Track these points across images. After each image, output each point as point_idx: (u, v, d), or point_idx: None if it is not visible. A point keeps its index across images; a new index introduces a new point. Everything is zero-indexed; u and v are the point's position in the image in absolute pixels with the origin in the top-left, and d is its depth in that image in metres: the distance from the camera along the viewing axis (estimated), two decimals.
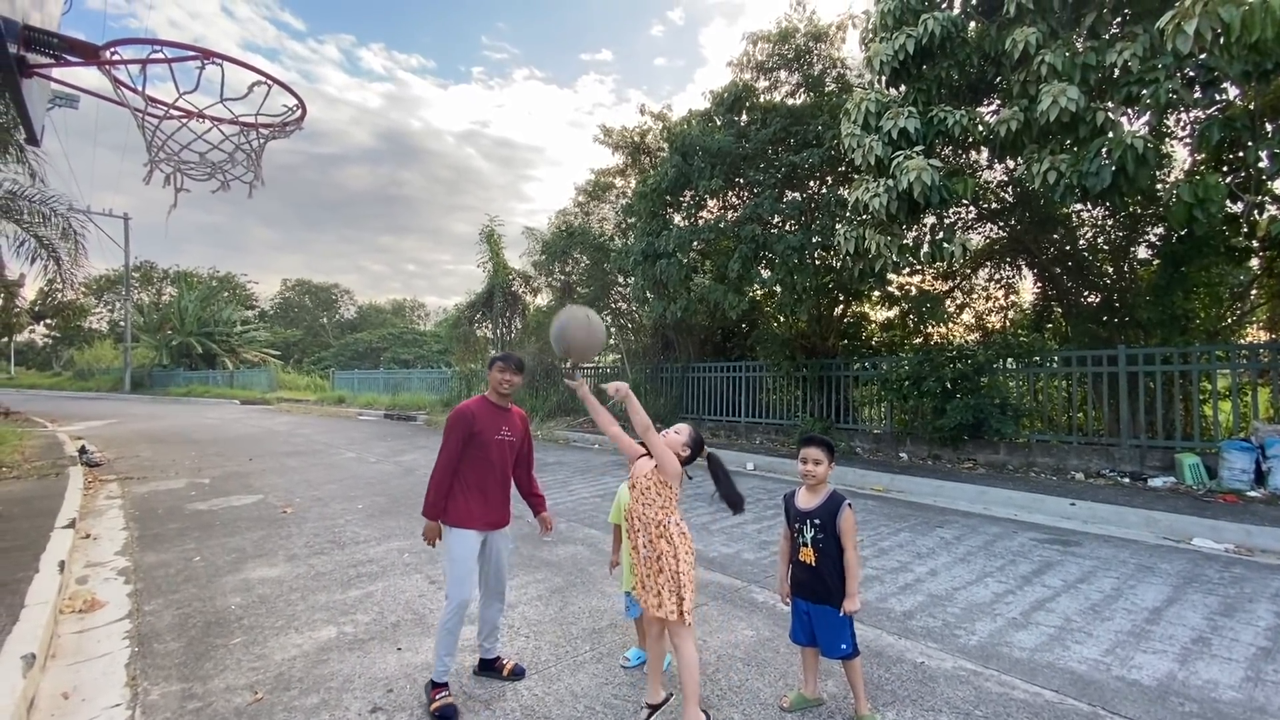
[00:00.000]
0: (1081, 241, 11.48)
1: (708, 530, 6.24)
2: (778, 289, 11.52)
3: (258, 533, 6.12)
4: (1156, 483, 7.79)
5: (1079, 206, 10.19)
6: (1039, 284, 12.39)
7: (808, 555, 2.90)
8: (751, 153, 11.53)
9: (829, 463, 2.92)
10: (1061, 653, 3.58)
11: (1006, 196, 11.44)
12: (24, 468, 9.15)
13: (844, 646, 2.83)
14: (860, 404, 12.04)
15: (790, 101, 12.13)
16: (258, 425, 18.30)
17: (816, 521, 2.89)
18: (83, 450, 10.93)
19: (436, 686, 2.99)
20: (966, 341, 12.90)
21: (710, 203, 13.02)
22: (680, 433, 2.98)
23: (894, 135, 7.53)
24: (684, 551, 2.81)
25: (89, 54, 2.67)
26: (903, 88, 8.36)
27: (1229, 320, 10.39)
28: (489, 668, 3.30)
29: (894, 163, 7.35)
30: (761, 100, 12.26)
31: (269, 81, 3.23)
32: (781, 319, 13.51)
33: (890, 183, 7.32)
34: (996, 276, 13.49)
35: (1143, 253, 10.88)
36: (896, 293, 12.93)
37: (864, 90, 8.30)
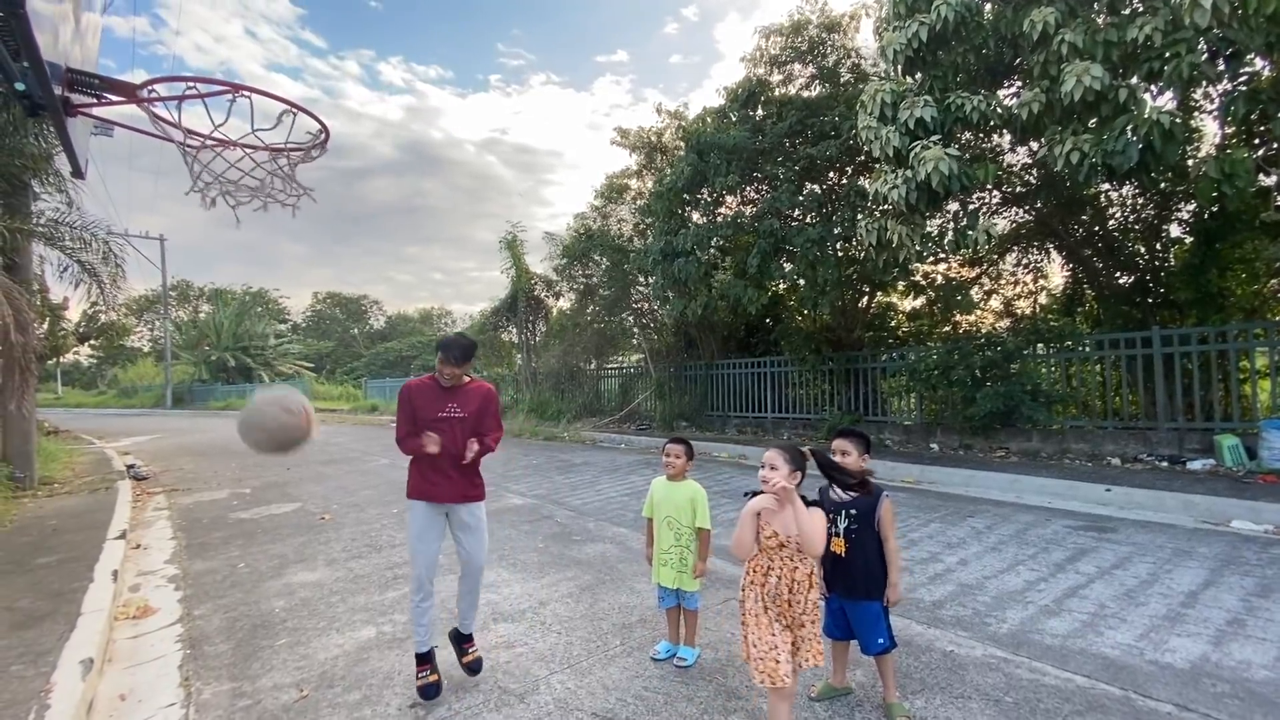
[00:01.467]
0: (1111, 222, 11.24)
1: (735, 526, 6.27)
2: (800, 283, 11.48)
3: (298, 539, 6.31)
4: (1195, 465, 7.62)
5: (1106, 186, 9.99)
6: (1068, 267, 12.16)
7: (838, 546, 2.92)
8: (768, 147, 11.51)
9: (858, 454, 2.92)
10: (1094, 639, 3.55)
11: (1032, 179, 11.26)
12: (75, 483, 9.54)
13: (881, 641, 2.85)
14: (889, 395, 11.94)
15: (805, 94, 12.08)
16: None
17: (853, 512, 2.90)
18: (130, 465, 11.35)
19: (419, 661, 3.16)
20: (996, 328, 12.72)
21: (729, 199, 13.02)
22: (778, 467, 2.52)
23: (911, 125, 7.47)
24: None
25: (127, 92, 2.86)
26: (919, 75, 8.28)
27: (1268, 296, 10.09)
28: (456, 641, 3.38)
29: (912, 153, 7.29)
30: (776, 94, 12.22)
31: (295, 109, 3.44)
32: (805, 313, 13.45)
33: (909, 173, 7.27)
34: (1025, 261, 13.27)
35: (1175, 231, 10.63)
36: (922, 282, 12.79)
37: (879, 80, 8.23)
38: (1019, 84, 8.99)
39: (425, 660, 3.16)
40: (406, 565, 5.27)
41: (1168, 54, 6.26)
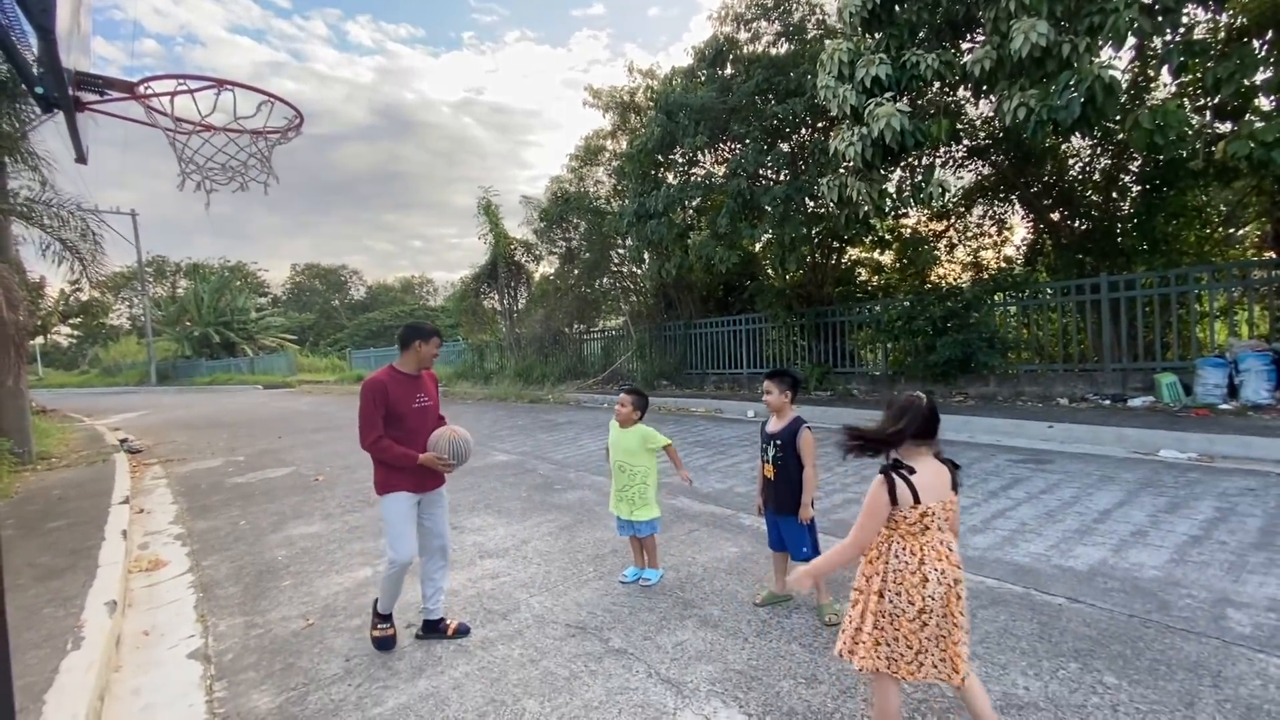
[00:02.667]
0: (1071, 173, 11.59)
1: (705, 471, 6.73)
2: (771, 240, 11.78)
3: (294, 498, 6.69)
4: (1136, 403, 8.15)
5: (1060, 139, 10.29)
6: (1029, 218, 12.54)
7: (769, 471, 3.35)
8: (737, 105, 11.65)
9: (780, 392, 3.32)
10: (1010, 550, 4.03)
11: (995, 132, 11.52)
12: (72, 457, 9.82)
13: (805, 550, 3.28)
14: (858, 348, 12.39)
15: (773, 51, 12.18)
16: (282, 407, 19.02)
17: (778, 442, 3.32)
18: (123, 440, 11.62)
19: (383, 619, 3.27)
20: (961, 280, 13.14)
21: (705, 159, 13.19)
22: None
23: (868, 84, 7.72)
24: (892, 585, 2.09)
25: (127, 89, 3.13)
26: (878, 35, 8.48)
27: (1219, 241, 10.56)
28: (433, 629, 3.32)
29: (866, 110, 7.56)
30: (744, 52, 12.31)
31: (272, 99, 3.78)
32: (777, 270, 13.79)
33: (864, 130, 7.55)
34: (990, 213, 13.63)
35: (1129, 181, 10.99)
36: (889, 237, 13.13)
37: (839, 40, 8.42)
38: (983, 38, 9.18)
39: (387, 619, 3.28)
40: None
41: (1107, 8, 6.54)
